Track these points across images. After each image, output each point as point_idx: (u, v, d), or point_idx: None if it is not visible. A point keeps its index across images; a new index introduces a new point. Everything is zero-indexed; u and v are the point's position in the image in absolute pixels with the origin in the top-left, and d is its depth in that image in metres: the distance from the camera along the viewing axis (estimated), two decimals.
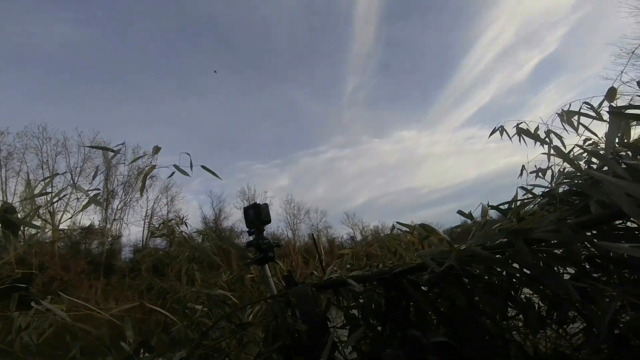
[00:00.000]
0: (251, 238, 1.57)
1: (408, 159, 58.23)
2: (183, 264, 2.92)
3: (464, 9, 62.95)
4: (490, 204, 1.27)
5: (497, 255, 1.00)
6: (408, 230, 1.36)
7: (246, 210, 1.61)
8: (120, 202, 26.36)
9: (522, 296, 1.13)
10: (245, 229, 1.63)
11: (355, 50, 59.21)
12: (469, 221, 1.29)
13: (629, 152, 1.11)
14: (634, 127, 1.21)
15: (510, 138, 1.61)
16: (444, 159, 57.60)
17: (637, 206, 0.86)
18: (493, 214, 1.34)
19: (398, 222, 1.39)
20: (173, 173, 1.55)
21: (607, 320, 0.84)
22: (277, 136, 57.99)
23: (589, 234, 1.05)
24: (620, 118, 1.07)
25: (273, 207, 34.07)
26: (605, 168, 1.14)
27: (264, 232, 1.58)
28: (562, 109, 1.59)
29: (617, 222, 1.04)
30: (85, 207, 1.55)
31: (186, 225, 3.96)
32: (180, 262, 3.29)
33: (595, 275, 1.05)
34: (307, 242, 35.55)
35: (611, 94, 1.38)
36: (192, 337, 1.52)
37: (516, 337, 1.20)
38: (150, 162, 1.56)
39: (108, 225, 25.33)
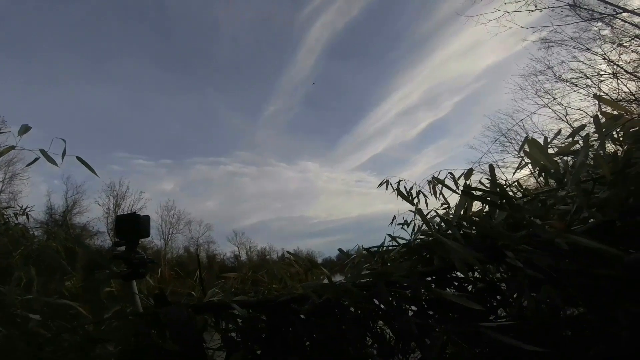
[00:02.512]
0: (119, 249, 1.39)
1: (306, 189, 61.14)
2: (17, 265, 2.36)
3: (395, 64, 71.48)
4: (364, 245, 1.49)
5: (365, 292, 1.20)
6: (295, 260, 1.48)
7: (120, 220, 1.43)
8: None
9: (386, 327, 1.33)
10: (102, 229, 1.45)
11: (290, 75, 61.88)
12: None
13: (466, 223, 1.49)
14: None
15: (394, 190, 1.95)
16: (335, 196, 62.10)
17: (464, 263, 1.16)
18: None
19: (287, 252, 1.50)
20: (36, 159, 1.32)
21: (435, 351, 1.08)
22: (177, 137, 53.06)
23: (434, 279, 1.35)
24: (468, 196, 1.43)
25: (147, 210, 30.08)
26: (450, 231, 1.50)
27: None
28: (433, 176, 2.01)
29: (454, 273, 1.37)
30: None
31: (27, 217, 3.23)
32: (14, 260, 2.64)
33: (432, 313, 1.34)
34: (181, 255, 32.35)
35: (468, 173, 1.82)
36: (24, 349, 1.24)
37: None
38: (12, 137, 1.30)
39: None
